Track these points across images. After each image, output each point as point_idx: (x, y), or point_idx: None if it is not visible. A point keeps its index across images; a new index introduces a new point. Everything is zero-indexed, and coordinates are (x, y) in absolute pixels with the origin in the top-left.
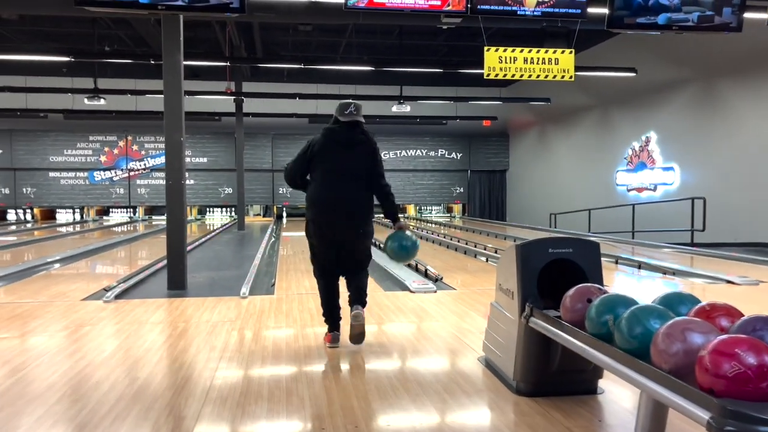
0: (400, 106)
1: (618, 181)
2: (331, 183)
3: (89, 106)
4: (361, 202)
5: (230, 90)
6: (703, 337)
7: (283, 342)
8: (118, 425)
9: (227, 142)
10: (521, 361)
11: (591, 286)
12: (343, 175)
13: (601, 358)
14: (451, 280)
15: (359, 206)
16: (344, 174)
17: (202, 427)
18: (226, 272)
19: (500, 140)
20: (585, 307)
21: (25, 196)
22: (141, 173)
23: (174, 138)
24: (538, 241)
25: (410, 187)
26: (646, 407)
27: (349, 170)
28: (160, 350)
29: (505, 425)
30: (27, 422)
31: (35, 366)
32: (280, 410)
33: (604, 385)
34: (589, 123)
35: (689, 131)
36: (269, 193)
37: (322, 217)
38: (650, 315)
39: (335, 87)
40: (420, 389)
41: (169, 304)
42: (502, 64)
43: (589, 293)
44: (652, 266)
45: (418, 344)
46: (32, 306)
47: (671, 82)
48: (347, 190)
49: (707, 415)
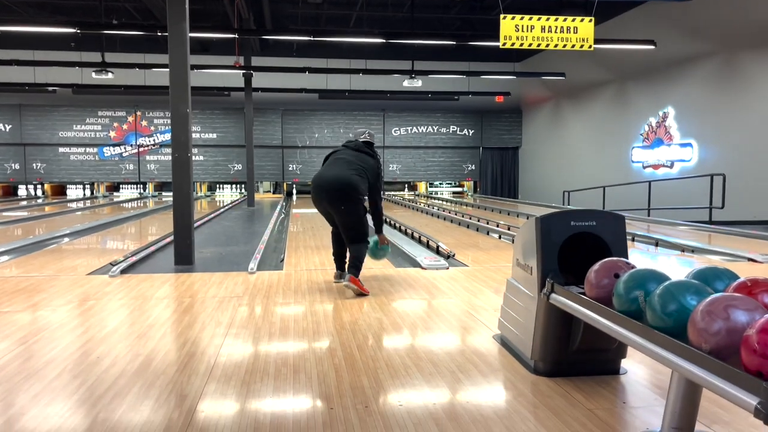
0: (412, 80)
1: (633, 158)
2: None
3: (97, 80)
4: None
5: (239, 64)
6: (749, 315)
7: (291, 318)
8: (118, 403)
9: (237, 117)
10: (540, 339)
11: (618, 260)
12: (338, 161)
13: (631, 338)
14: (464, 257)
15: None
16: (339, 161)
17: (204, 405)
18: (235, 248)
19: (513, 116)
20: (612, 282)
21: (35, 172)
22: (150, 149)
23: (180, 110)
24: (560, 214)
25: (421, 164)
26: (677, 390)
27: (346, 161)
28: (164, 326)
29: (524, 407)
30: (23, 399)
31: (35, 341)
32: (286, 388)
33: (627, 366)
34: (605, 98)
35: (709, 106)
36: (279, 170)
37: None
38: (686, 291)
39: (345, 61)
40: (433, 368)
41: (176, 279)
42: (519, 32)
43: (616, 268)
44: (669, 244)
45: (431, 321)
46: (38, 280)
47: (691, 56)
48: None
49: (755, 400)
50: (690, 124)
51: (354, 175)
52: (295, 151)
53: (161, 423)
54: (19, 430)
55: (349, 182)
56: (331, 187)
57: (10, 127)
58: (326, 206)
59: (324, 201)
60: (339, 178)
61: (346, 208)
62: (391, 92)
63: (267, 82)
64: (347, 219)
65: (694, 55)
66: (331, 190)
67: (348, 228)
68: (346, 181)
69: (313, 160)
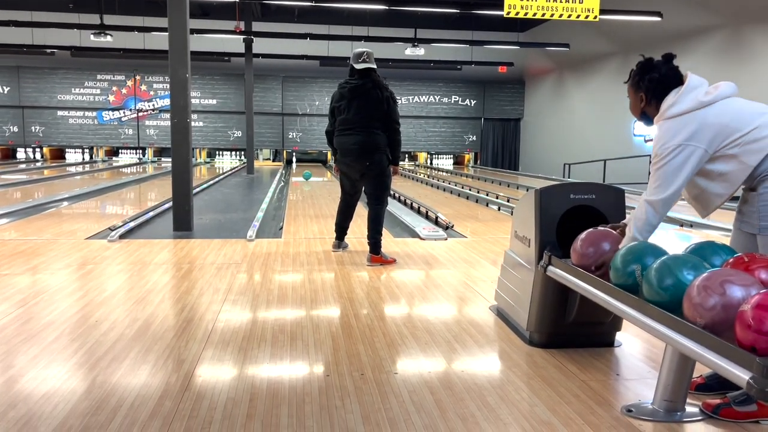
0: (414, 48)
1: (636, 131)
2: (343, 132)
3: (96, 43)
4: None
5: (239, 29)
6: (745, 291)
7: (289, 286)
8: (116, 366)
9: (237, 84)
10: (536, 311)
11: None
12: (353, 125)
13: (627, 311)
14: (462, 228)
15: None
16: (354, 124)
17: (202, 370)
18: (234, 215)
19: (516, 87)
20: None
21: (34, 135)
22: (150, 114)
23: (179, 74)
24: (559, 186)
25: (422, 134)
26: (670, 363)
27: (359, 120)
28: (162, 291)
29: (518, 377)
30: (21, 361)
31: (34, 303)
32: (283, 355)
33: (622, 339)
34: (609, 70)
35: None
36: (279, 137)
37: (341, 158)
38: (683, 265)
39: (347, 28)
40: (429, 337)
41: (174, 245)
42: (524, 1)
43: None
44: (668, 218)
45: (428, 292)
46: (36, 243)
47: (698, 29)
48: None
49: (747, 374)
50: None
51: (372, 135)
52: (295, 118)
53: (159, 386)
54: (18, 390)
55: (375, 148)
56: (356, 154)
57: (9, 89)
58: (354, 171)
59: (352, 169)
60: (361, 144)
61: (372, 168)
62: (393, 60)
63: (268, 48)
64: (376, 179)
65: (701, 28)
66: (356, 157)
67: (374, 186)
68: (369, 145)
69: (313, 128)
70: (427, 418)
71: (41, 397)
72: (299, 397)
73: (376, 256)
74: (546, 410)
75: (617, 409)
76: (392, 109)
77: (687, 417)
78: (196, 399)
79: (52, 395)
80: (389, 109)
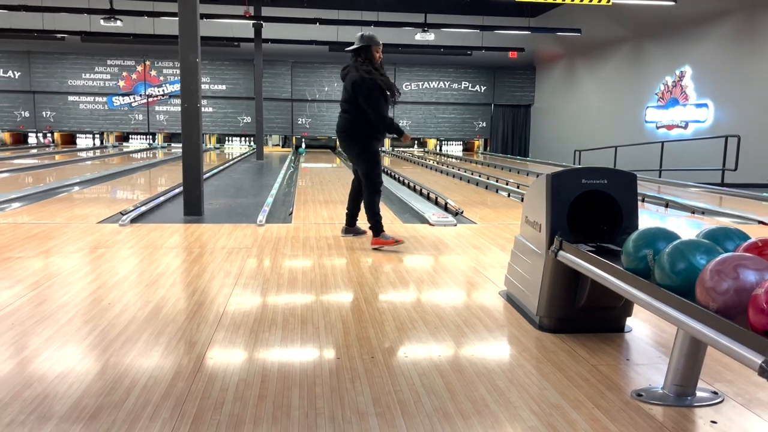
0: (424, 34)
1: (647, 117)
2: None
3: (106, 28)
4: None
5: (249, 13)
6: (758, 275)
7: (299, 271)
8: (128, 348)
9: (246, 69)
10: (546, 296)
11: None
12: (340, 108)
13: (638, 296)
14: (472, 214)
15: (343, 131)
16: (340, 107)
17: (213, 352)
18: (244, 200)
19: (526, 73)
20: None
21: (45, 120)
22: (160, 99)
23: (189, 59)
24: (571, 171)
25: (432, 120)
26: (681, 348)
27: (341, 103)
28: (173, 275)
29: (528, 361)
30: (36, 341)
31: (47, 286)
32: (294, 338)
33: (632, 324)
34: (621, 56)
35: (727, 66)
36: (288, 123)
37: None
38: (696, 250)
39: (357, 13)
40: (439, 321)
41: (185, 229)
42: None
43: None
44: (679, 205)
45: (438, 277)
46: (49, 227)
47: (711, 13)
48: (338, 120)
49: (760, 358)
50: (707, 84)
51: (348, 116)
52: (305, 104)
53: (171, 368)
54: (33, 370)
55: (343, 130)
56: (338, 137)
57: (20, 74)
58: (348, 156)
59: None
60: (338, 127)
61: (351, 150)
62: (403, 46)
63: (277, 33)
64: (358, 161)
65: (714, 13)
66: (340, 140)
67: (361, 173)
68: (342, 128)
69: (322, 114)
70: (437, 401)
71: (56, 377)
72: (310, 380)
73: (376, 239)
74: (556, 394)
75: (627, 393)
76: (359, 91)
77: (697, 402)
78: (208, 380)
79: (66, 375)
80: (354, 90)
